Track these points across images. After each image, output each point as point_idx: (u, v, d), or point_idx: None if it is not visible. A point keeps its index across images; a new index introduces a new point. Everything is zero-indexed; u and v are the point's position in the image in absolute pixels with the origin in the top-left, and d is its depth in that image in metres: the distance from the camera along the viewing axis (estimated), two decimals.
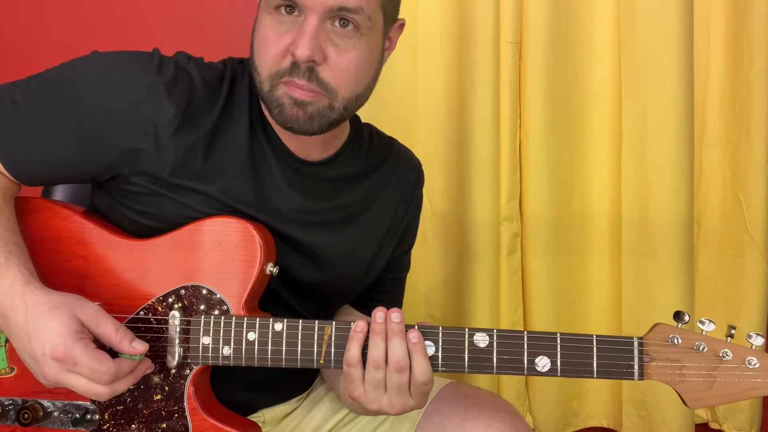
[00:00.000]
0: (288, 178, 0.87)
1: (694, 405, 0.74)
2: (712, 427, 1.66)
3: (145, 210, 0.82)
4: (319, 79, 0.77)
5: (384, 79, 1.43)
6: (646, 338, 0.75)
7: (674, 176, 1.45)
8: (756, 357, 0.72)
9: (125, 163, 0.80)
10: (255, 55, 0.80)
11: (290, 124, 0.79)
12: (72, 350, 0.69)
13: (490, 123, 1.45)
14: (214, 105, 0.83)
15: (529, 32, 1.46)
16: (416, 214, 1.03)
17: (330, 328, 0.78)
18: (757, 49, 1.48)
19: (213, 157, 0.82)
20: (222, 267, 0.81)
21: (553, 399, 1.60)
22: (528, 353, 0.75)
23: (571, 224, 1.56)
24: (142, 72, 0.80)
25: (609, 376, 0.75)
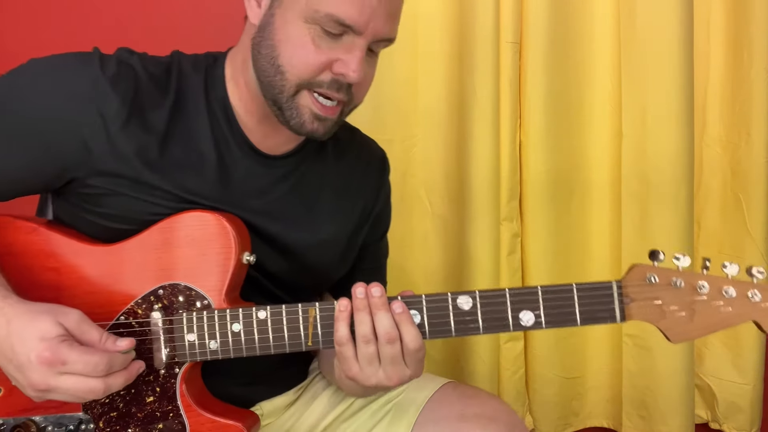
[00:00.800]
0: (252, 171, 0.87)
1: (676, 339, 0.75)
2: (712, 427, 1.66)
3: (107, 212, 0.81)
4: (351, 93, 0.81)
5: (384, 79, 1.45)
6: (624, 280, 0.75)
7: (674, 176, 1.45)
8: (732, 286, 0.73)
9: (78, 165, 0.79)
10: (281, 59, 0.79)
11: (309, 135, 0.83)
12: (59, 350, 0.69)
13: (490, 123, 1.45)
14: (164, 98, 0.83)
15: (529, 32, 1.46)
16: (386, 201, 1.03)
17: (314, 309, 0.78)
18: (757, 49, 1.48)
19: (171, 150, 0.82)
20: (197, 262, 0.80)
21: (553, 399, 1.60)
22: (511, 310, 0.76)
23: (571, 223, 1.56)
24: (82, 71, 0.79)
25: (592, 322, 0.76)
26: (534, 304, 0.75)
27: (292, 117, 0.80)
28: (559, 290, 0.75)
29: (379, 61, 0.89)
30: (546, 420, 1.60)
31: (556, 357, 1.58)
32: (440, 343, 1.57)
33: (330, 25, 0.76)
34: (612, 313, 0.75)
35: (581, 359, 1.62)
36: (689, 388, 1.54)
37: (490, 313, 0.76)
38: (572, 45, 1.49)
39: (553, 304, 0.75)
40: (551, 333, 1.56)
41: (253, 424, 0.83)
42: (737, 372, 1.60)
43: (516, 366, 1.58)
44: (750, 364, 1.58)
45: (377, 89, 1.45)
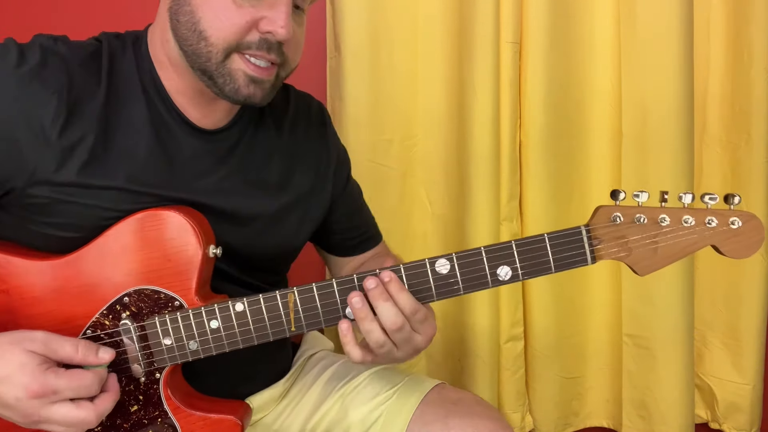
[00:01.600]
0: (196, 149, 0.83)
1: (644, 272, 0.79)
2: (712, 427, 1.66)
3: (55, 221, 0.75)
4: (283, 54, 0.78)
5: (384, 79, 1.45)
6: (591, 224, 0.78)
7: (674, 176, 1.45)
8: (690, 215, 0.77)
9: (15, 174, 0.73)
10: (203, 23, 0.74)
11: (247, 101, 0.78)
12: (47, 381, 0.66)
13: (490, 123, 1.45)
14: (96, 85, 0.76)
15: (529, 32, 1.46)
16: (339, 153, 1.00)
17: (293, 294, 0.76)
18: (757, 49, 1.48)
19: (113, 142, 0.77)
20: (160, 263, 0.75)
21: (553, 399, 1.60)
22: (489, 266, 0.77)
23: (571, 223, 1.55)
24: (3, 67, 0.72)
25: (566, 268, 0.78)
26: (510, 259, 0.77)
27: (226, 83, 0.76)
28: (532, 241, 0.77)
29: (379, 61, 0.88)
30: (546, 420, 1.60)
31: (556, 357, 1.58)
32: (440, 344, 1.57)
33: None
34: (583, 256, 0.78)
35: (581, 359, 1.62)
36: (689, 388, 1.54)
37: (468, 273, 0.77)
38: (572, 45, 1.49)
39: (528, 255, 0.77)
40: (551, 333, 1.56)
41: (245, 414, 0.81)
42: (737, 372, 1.60)
43: (516, 366, 1.58)
44: (750, 364, 1.58)
45: (377, 89, 1.46)
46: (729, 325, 1.61)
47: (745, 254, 0.78)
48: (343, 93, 1.43)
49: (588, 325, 1.61)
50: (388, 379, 0.94)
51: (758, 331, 1.57)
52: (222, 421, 0.78)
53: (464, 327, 1.54)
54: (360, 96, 1.43)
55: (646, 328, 1.52)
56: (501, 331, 1.56)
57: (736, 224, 0.77)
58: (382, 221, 1.47)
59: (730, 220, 0.77)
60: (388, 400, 0.91)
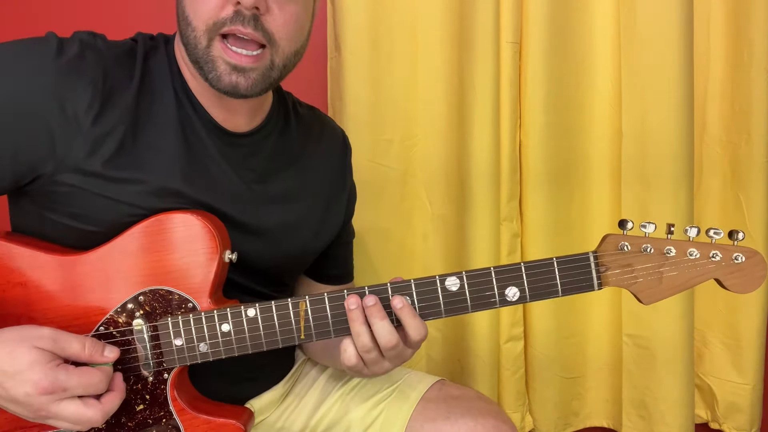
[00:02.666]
0: (221, 151, 0.84)
1: (648, 301, 0.81)
2: (712, 427, 1.66)
3: (77, 212, 0.77)
4: (264, 29, 0.76)
5: (384, 79, 1.44)
6: (599, 250, 0.81)
7: (674, 176, 1.45)
8: (695, 248, 0.80)
9: (46, 160, 0.75)
10: (186, 9, 0.76)
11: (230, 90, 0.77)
12: (57, 378, 0.67)
13: (490, 123, 1.45)
14: (130, 80, 0.79)
15: (529, 32, 1.46)
16: (352, 184, 1.03)
17: (304, 302, 0.77)
18: (757, 49, 1.48)
19: (142, 137, 0.78)
20: (178, 265, 0.77)
21: (553, 399, 1.60)
22: (498, 287, 0.79)
23: (571, 224, 1.56)
24: (42, 57, 0.74)
25: (573, 292, 0.80)
26: (518, 280, 0.79)
27: (209, 71, 0.76)
28: (541, 264, 0.79)
29: (379, 61, 0.88)
30: (546, 420, 1.60)
31: (556, 357, 1.58)
32: (440, 344, 1.57)
33: None
34: (590, 282, 0.80)
35: (581, 359, 1.62)
36: (689, 388, 1.54)
37: (477, 292, 0.79)
38: (572, 45, 1.49)
39: (536, 278, 0.79)
40: (551, 333, 1.56)
41: (249, 419, 0.82)
42: (737, 372, 1.60)
43: (516, 366, 1.58)
44: (750, 364, 1.58)
45: (377, 89, 1.46)
46: (729, 325, 1.61)
47: (748, 289, 0.80)
48: (343, 93, 1.43)
49: (588, 325, 1.61)
50: (387, 377, 0.95)
51: (758, 331, 1.57)
52: (226, 426, 0.79)
53: (464, 327, 1.54)
54: (360, 96, 1.43)
55: (646, 328, 1.52)
56: (501, 331, 1.56)
57: (739, 259, 0.79)
58: (382, 221, 1.47)
59: (733, 255, 0.79)
60: (389, 397, 0.91)
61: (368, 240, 1.46)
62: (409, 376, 0.94)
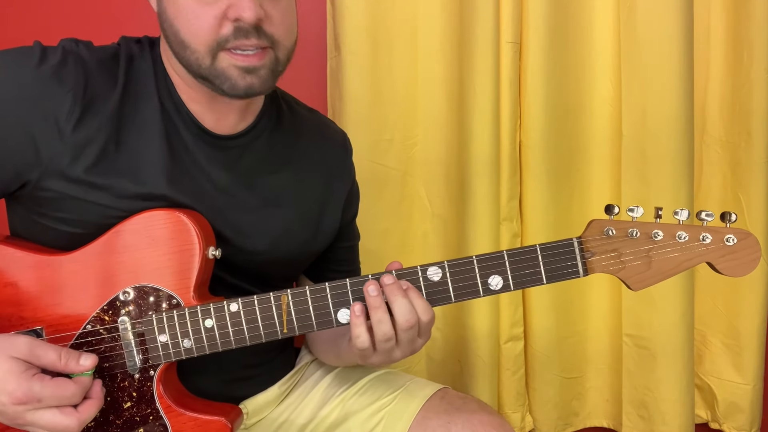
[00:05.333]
0: (206, 154, 0.84)
1: (637, 287, 0.78)
2: (712, 427, 1.66)
3: (64, 216, 0.78)
4: (266, 34, 0.76)
5: (384, 79, 1.44)
6: (584, 236, 0.78)
7: (674, 176, 1.45)
8: (684, 230, 0.76)
9: (31, 168, 0.76)
10: (181, 34, 0.76)
11: (247, 92, 0.78)
12: (31, 390, 0.68)
13: (490, 123, 1.45)
14: (113, 86, 0.79)
15: (529, 32, 1.46)
16: (353, 185, 1.02)
17: (286, 296, 0.78)
18: (757, 49, 1.48)
19: (124, 143, 0.79)
20: (161, 262, 0.78)
21: (553, 399, 1.60)
22: (480, 276, 0.77)
23: (571, 224, 1.56)
24: (23, 66, 0.75)
25: (557, 279, 0.77)
26: (501, 268, 0.77)
27: (222, 82, 0.77)
28: (524, 252, 0.77)
29: (379, 61, 0.87)
30: (546, 420, 1.60)
31: (556, 357, 1.58)
32: (440, 344, 1.57)
33: None
34: (575, 269, 0.78)
35: (581, 359, 1.62)
36: (689, 388, 1.54)
37: (459, 281, 0.78)
38: (572, 45, 1.49)
39: (519, 266, 0.77)
40: (551, 333, 1.56)
41: (236, 418, 0.82)
42: (737, 372, 1.60)
43: (516, 366, 1.58)
44: (750, 364, 1.58)
45: (377, 89, 1.46)
46: (729, 325, 1.61)
47: (741, 272, 0.77)
48: (343, 93, 1.43)
49: (588, 325, 1.61)
50: (389, 384, 0.94)
51: (758, 331, 1.57)
52: (212, 423, 0.79)
53: (464, 327, 1.54)
54: (360, 96, 1.43)
55: (646, 328, 1.52)
56: (501, 331, 1.56)
57: (731, 241, 0.76)
58: (382, 221, 1.47)
59: (725, 237, 0.76)
60: (390, 404, 0.91)
61: (368, 240, 1.46)
62: (412, 383, 0.94)
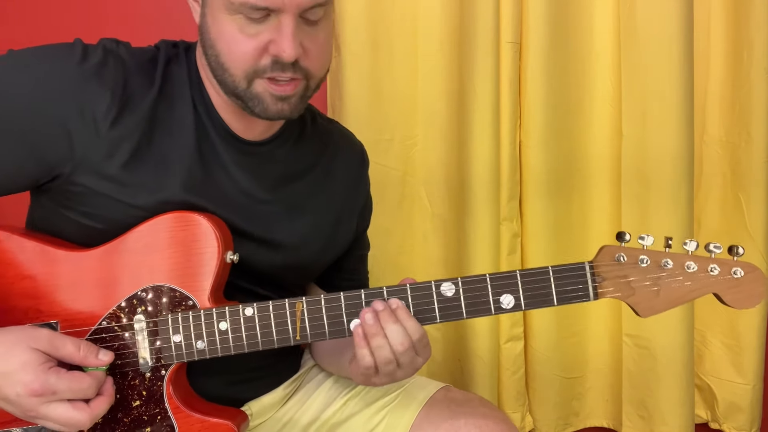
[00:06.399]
0: (234, 158, 0.86)
1: (646, 314, 0.80)
2: (712, 427, 1.66)
3: (89, 211, 0.80)
4: (301, 68, 0.78)
5: (384, 79, 1.45)
6: (595, 261, 0.80)
7: (674, 177, 1.45)
8: (692, 261, 0.79)
9: (65, 162, 0.77)
10: (221, 56, 0.78)
11: (277, 117, 0.81)
12: (47, 381, 0.69)
13: (490, 123, 1.45)
14: (149, 87, 0.81)
15: (529, 32, 1.46)
16: (367, 196, 1.04)
17: (301, 303, 0.78)
18: (757, 49, 1.48)
19: (156, 144, 0.80)
20: (180, 263, 0.79)
21: (553, 399, 1.60)
22: (492, 294, 0.79)
23: (571, 224, 1.56)
24: (66, 62, 0.77)
25: (567, 302, 0.79)
26: (513, 288, 0.79)
27: (255, 105, 0.79)
28: (536, 273, 0.79)
29: (379, 61, 0.88)
30: (546, 420, 1.60)
31: (556, 357, 1.58)
32: (440, 344, 1.57)
33: (249, 12, 0.74)
34: (586, 292, 0.79)
35: (581, 359, 1.62)
36: (689, 388, 1.54)
37: (472, 298, 0.79)
38: (572, 45, 1.49)
39: (531, 286, 0.79)
40: (551, 333, 1.56)
41: (243, 422, 0.83)
42: (737, 372, 1.60)
43: (516, 366, 1.58)
44: (750, 364, 1.58)
45: (377, 89, 1.46)
46: (729, 325, 1.61)
47: (747, 305, 0.78)
48: (343, 93, 1.43)
49: (588, 325, 1.61)
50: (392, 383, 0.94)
51: (758, 331, 1.57)
52: (219, 426, 0.79)
53: (464, 327, 1.54)
54: (360, 96, 1.43)
55: (645, 329, 1.52)
56: (501, 331, 1.56)
57: (738, 274, 0.78)
58: (382, 221, 1.47)
59: (732, 269, 0.78)
60: (393, 402, 0.91)
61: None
62: (414, 381, 0.94)
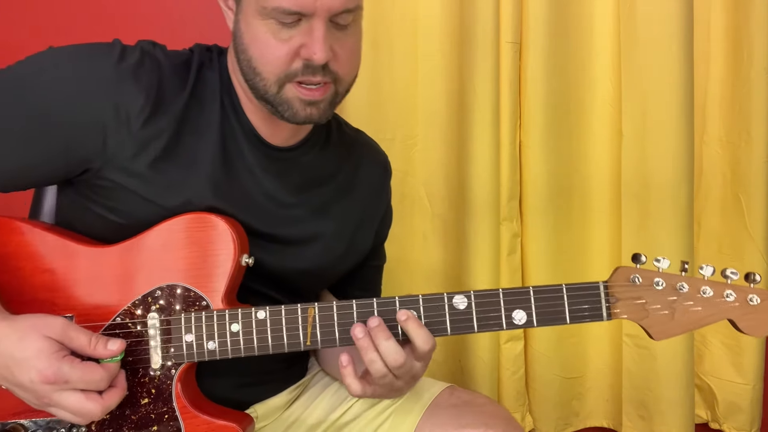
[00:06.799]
0: (260, 161, 0.87)
1: (659, 337, 0.79)
2: (712, 427, 1.66)
3: (114, 206, 0.81)
4: (331, 72, 0.80)
5: (384, 79, 1.45)
6: (610, 281, 0.79)
7: (674, 176, 1.45)
8: (708, 286, 0.78)
9: (97, 156, 0.79)
10: (254, 61, 0.80)
11: (305, 122, 0.83)
12: (60, 370, 0.69)
13: (490, 123, 1.45)
14: (182, 89, 0.83)
15: (529, 32, 1.46)
16: (388, 206, 1.04)
17: (313, 309, 0.79)
18: (757, 49, 1.48)
19: (183, 145, 0.82)
20: (196, 264, 0.80)
21: (553, 399, 1.60)
22: (505, 309, 0.78)
23: (571, 224, 1.56)
24: (105, 61, 0.79)
25: (580, 321, 0.79)
26: (526, 304, 0.78)
27: (284, 110, 0.81)
28: (550, 290, 0.79)
29: (379, 61, 0.88)
30: (546, 420, 1.60)
31: (556, 357, 1.58)
32: (440, 344, 1.56)
33: (281, 16, 0.76)
34: (599, 312, 0.79)
35: (581, 359, 1.62)
36: (689, 388, 1.54)
37: (484, 312, 0.79)
38: (572, 45, 1.49)
39: (544, 303, 0.79)
40: (551, 333, 1.56)
41: (248, 425, 0.83)
42: (737, 372, 1.60)
43: (516, 366, 1.58)
44: (750, 364, 1.58)
45: (377, 89, 1.46)
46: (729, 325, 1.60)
47: (762, 332, 0.78)
48: None
49: (588, 326, 1.61)
50: None
51: None
52: (225, 429, 0.80)
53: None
54: (360, 96, 1.43)
55: None
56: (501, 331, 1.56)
57: (754, 301, 0.78)
58: None
59: (748, 296, 0.78)
60: (398, 401, 0.92)
61: None
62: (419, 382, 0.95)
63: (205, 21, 1.33)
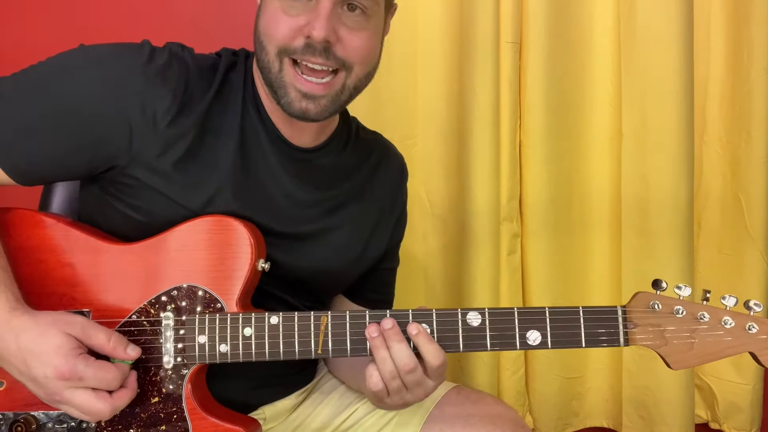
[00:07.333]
0: (281, 162, 0.88)
1: (677, 366, 0.77)
2: (712, 427, 1.66)
3: (137, 204, 0.82)
4: (336, 56, 0.80)
5: (383, 79, 1.45)
6: (628, 306, 0.78)
7: (674, 176, 1.45)
8: (731, 317, 0.76)
9: (122, 154, 0.80)
10: (262, 37, 0.81)
11: (300, 115, 0.81)
12: (75, 367, 0.70)
13: (490, 123, 1.45)
14: (207, 91, 0.84)
15: (529, 32, 1.46)
16: (404, 209, 1.05)
17: (326, 317, 0.79)
18: (757, 49, 1.48)
19: (206, 146, 0.83)
20: (213, 266, 0.81)
21: (553, 399, 1.60)
22: (519, 328, 0.78)
23: (571, 224, 1.56)
24: (134, 61, 0.80)
25: (596, 345, 0.77)
26: (541, 324, 0.78)
27: (282, 96, 0.81)
28: (566, 312, 0.78)
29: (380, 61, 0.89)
30: (546, 420, 1.60)
31: (556, 357, 1.58)
32: None
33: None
34: (616, 337, 0.77)
35: (581, 359, 1.62)
36: (689, 388, 1.54)
37: (498, 330, 0.78)
38: (572, 45, 1.49)
39: (560, 325, 0.78)
40: None
41: (255, 430, 0.84)
42: (737, 372, 1.60)
43: (516, 366, 1.58)
44: (750, 364, 1.57)
45: (377, 89, 1.46)
46: None
47: None
48: None
49: None
50: None
51: None
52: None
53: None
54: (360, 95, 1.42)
55: None
56: None
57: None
58: None
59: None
60: None
61: None
62: None
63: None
